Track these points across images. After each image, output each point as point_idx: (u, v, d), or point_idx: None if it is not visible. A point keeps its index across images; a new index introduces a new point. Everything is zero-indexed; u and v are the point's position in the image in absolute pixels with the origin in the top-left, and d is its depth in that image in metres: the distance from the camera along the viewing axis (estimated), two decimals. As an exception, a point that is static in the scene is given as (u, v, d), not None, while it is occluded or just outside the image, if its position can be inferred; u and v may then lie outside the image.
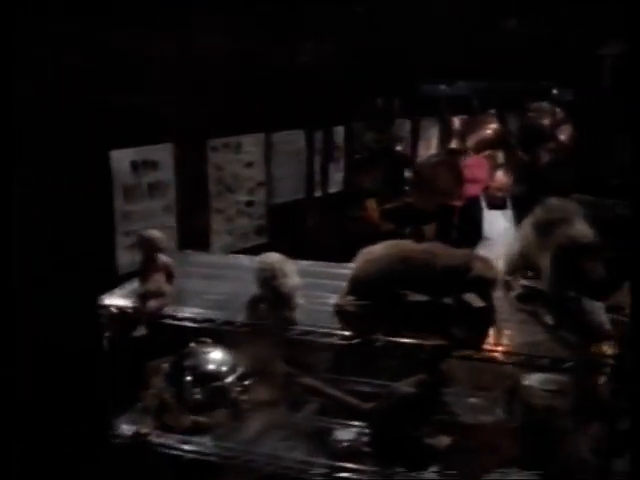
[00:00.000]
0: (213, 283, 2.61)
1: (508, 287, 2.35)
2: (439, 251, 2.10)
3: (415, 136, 5.42)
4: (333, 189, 5.93)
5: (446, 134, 4.37)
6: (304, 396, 2.72)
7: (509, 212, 5.03)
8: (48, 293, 3.51)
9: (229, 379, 2.63)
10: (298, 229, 5.54)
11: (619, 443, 4.65)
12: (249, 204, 5.35)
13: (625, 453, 4.55)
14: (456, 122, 4.42)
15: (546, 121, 4.25)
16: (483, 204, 5.01)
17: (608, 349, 2.02)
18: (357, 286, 2.16)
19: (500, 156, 7.69)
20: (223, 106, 4.89)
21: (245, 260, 2.93)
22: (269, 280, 2.24)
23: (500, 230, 4.93)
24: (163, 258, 2.46)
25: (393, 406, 2.27)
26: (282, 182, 5.57)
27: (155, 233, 2.48)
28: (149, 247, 2.44)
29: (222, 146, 5.11)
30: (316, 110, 5.29)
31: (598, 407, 2.32)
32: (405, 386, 2.26)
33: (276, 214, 5.52)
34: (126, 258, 4.22)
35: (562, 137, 4.20)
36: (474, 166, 7.48)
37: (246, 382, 2.66)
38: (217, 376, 2.64)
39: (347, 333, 2.08)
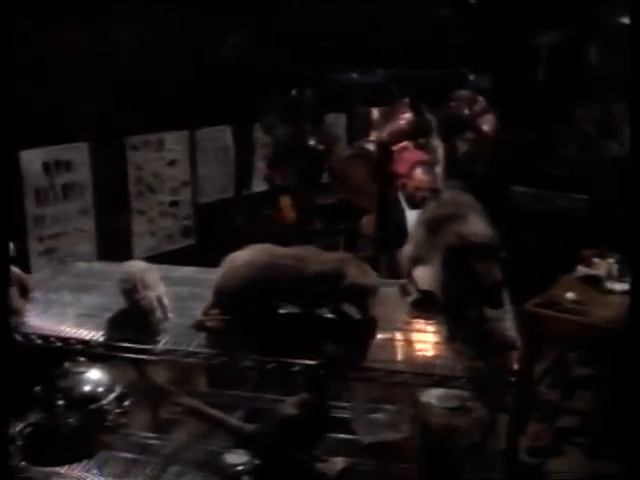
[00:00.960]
0: (85, 296, 2.30)
1: (404, 292, 2.09)
2: (310, 256, 1.82)
3: (349, 130, 5.16)
4: (263, 187, 5.67)
5: (364, 126, 4.04)
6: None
7: None
8: None
9: (106, 400, 2.33)
10: (227, 230, 5.26)
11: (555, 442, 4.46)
12: (173, 204, 5.06)
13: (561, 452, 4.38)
14: (375, 113, 4.11)
15: (468, 110, 3.96)
16: (404, 205, 4.73)
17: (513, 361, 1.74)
18: (220, 298, 1.88)
19: (439, 151, 7.49)
20: (142, 102, 4.60)
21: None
22: (129, 293, 1.95)
23: None
24: (16, 272, 2.15)
25: (276, 429, 2.00)
26: (208, 181, 5.28)
27: (4, 243, 2.17)
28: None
29: (142, 144, 4.81)
30: (242, 105, 5.01)
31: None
32: (288, 407, 1.99)
33: (203, 214, 5.22)
34: (40, 265, 3.95)
35: (485, 127, 3.91)
36: (411, 160, 7.23)
37: (125, 403, 2.36)
38: (93, 398, 2.34)
39: (211, 352, 1.79)
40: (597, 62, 6.69)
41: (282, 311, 1.90)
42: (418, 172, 6.31)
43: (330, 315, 1.85)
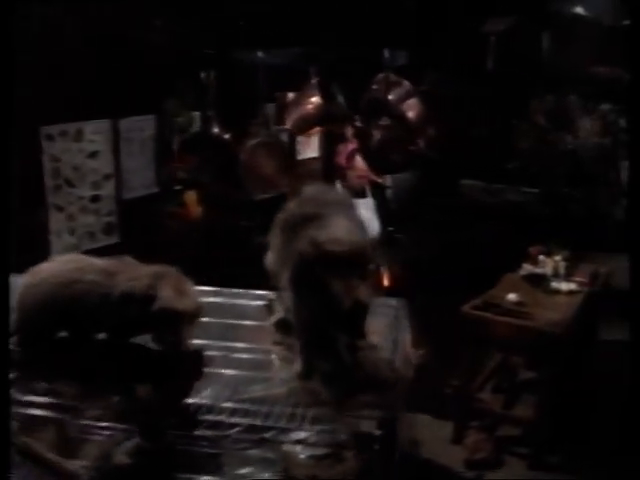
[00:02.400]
0: None
1: (270, 310, 1.65)
2: (122, 270, 1.38)
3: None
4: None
5: (280, 112, 3.50)
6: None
7: (369, 201, 4.35)
8: None
9: None
10: (154, 227, 4.80)
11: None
12: (95, 199, 4.57)
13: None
14: (289, 97, 3.57)
15: (392, 95, 3.45)
16: None
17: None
18: (18, 322, 1.43)
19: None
20: (59, 88, 4.11)
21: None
22: None
23: (365, 218, 4.27)
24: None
25: (108, 479, 1.56)
26: (133, 174, 4.78)
27: None
28: None
29: (59, 134, 4.32)
30: (168, 93, 4.52)
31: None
32: (119, 454, 1.55)
33: (128, 210, 4.73)
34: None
35: (410, 113, 3.43)
36: (348, 150, 6.81)
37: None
38: None
39: None
40: (549, 53, 6.31)
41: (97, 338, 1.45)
42: (359, 160, 5.95)
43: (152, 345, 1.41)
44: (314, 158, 6.80)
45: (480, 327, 3.85)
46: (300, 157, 6.08)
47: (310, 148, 6.69)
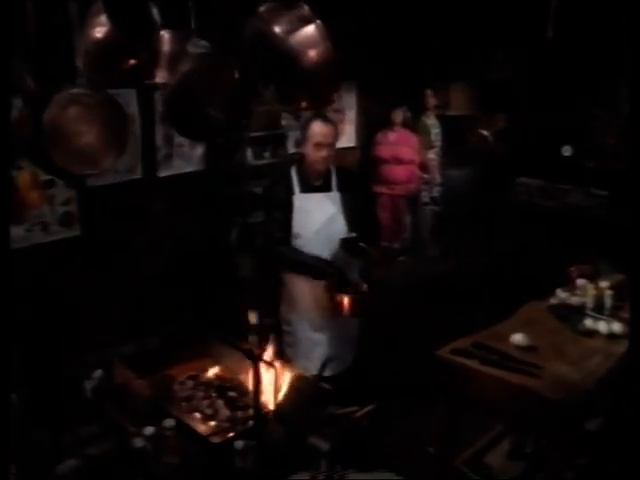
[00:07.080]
0: None
1: None
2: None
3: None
4: (190, 168, 4.20)
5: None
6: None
7: (335, 195, 3.00)
8: None
9: None
10: (125, 218, 3.80)
11: None
12: (49, 185, 3.61)
13: None
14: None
15: (280, 25, 1.94)
16: (295, 185, 2.94)
17: None
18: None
19: (434, 132, 5.65)
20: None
21: None
22: None
23: (322, 220, 2.92)
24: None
25: None
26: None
27: None
28: None
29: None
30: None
31: None
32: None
33: (91, 198, 3.72)
34: None
35: (311, 53, 1.93)
36: (398, 142, 5.44)
37: None
38: None
39: None
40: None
41: None
42: (404, 151, 4.65)
43: None
44: (349, 148, 5.54)
45: (459, 379, 2.48)
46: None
47: (345, 136, 5.43)
